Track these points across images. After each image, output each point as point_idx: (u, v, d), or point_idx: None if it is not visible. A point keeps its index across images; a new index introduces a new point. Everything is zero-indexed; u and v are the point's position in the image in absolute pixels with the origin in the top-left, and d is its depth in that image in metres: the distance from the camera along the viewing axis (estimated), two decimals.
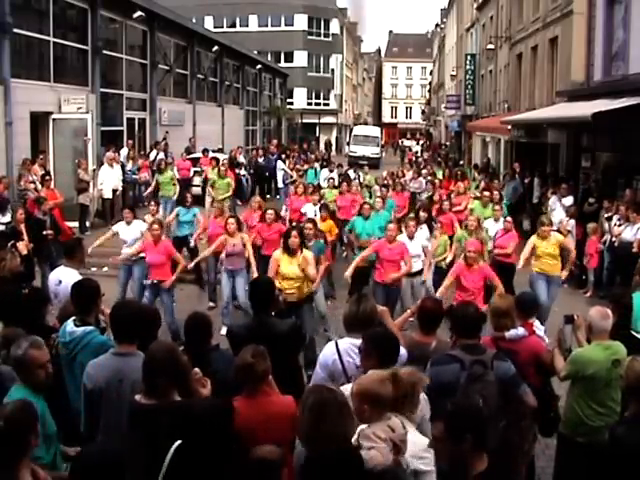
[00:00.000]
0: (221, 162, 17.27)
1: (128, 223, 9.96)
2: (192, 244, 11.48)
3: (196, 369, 3.97)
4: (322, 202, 12.79)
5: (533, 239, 9.41)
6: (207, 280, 11.16)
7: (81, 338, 4.63)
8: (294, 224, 11.01)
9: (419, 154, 42.55)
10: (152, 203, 11.76)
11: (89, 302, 4.84)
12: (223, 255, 9.59)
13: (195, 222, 11.56)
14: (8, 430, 3.17)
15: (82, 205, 15.50)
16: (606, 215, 12.18)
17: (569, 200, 13.71)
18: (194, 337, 4.44)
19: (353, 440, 3.36)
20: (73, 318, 4.74)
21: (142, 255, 9.21)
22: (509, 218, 10.75)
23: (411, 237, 9.46)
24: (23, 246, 9.02)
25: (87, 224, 15.64)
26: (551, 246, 9.24)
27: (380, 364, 3.97)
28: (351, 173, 20.50)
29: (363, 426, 3.45)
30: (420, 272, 9.57)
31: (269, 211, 10.40)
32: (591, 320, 4.83)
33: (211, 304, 10.67)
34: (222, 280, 9.71)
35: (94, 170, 16.10)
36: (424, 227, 10.31)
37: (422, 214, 10.53)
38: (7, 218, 10.89)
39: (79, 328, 4.66)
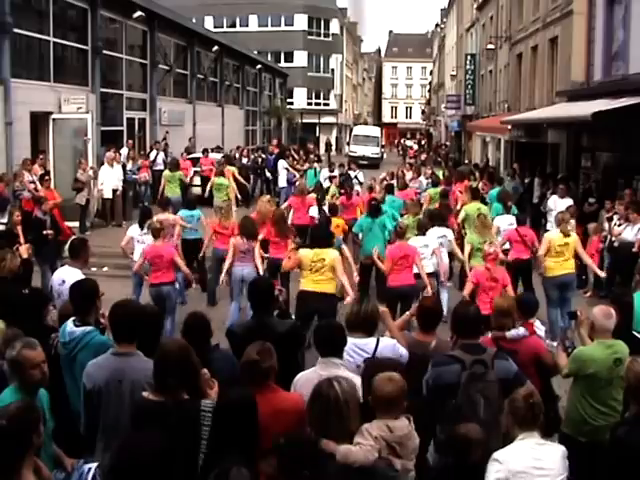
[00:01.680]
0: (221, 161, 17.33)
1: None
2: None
3: (205, 370, 3.95)
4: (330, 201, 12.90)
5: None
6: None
7: (81, 338, 4.61)
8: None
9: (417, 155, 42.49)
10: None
11: (88, 302, 4.81)
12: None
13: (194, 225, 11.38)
14: (11, 429, 3.16)
15: (80, 205, 15.48)
16: (607, 215, 12.16)
17: (567, 202, 13.65)
18: (193, 337, 4.43)
19: None
20: (73, 318, 4.73)
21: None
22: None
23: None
24: (24, 250, 8.97)
25: (87, 224, 15.63)
26: None
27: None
28: (351, 172, 20.47)
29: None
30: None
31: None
32: (594, 319, 4.83)
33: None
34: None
35: (92, 168, 16.06)
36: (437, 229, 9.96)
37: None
38: (7, 218, 10.87)
39: (79, 328, 4.64)
